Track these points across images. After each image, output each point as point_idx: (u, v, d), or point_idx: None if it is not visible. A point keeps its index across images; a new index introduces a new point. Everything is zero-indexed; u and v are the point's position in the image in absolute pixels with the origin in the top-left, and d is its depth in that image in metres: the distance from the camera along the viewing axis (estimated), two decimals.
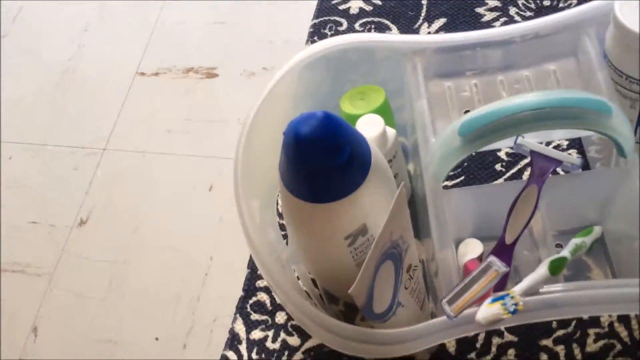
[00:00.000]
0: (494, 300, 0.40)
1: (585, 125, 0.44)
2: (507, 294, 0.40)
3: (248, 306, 0.60)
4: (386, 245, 0.42)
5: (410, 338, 0.42)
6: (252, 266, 0.63)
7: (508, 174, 0.64)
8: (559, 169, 0.50)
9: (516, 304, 0.40)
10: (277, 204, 0.60)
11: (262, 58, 0.80)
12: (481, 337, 0.54)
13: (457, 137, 0.45)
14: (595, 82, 0.51)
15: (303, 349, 0.57)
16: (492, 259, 0.41)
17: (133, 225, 0.70)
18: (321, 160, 0.40)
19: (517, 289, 0.42)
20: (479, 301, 0.41)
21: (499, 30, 0.55)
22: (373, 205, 0.45)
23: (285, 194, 0.44)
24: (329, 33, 0.79)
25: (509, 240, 0.49)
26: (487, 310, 0.40)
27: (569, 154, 0.62)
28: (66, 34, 0.90)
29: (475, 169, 0.64)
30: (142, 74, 0.82)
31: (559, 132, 0.58)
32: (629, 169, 0.47)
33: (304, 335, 0.57)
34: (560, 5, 0.75)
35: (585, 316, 0.52)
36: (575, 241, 0.49)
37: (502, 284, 0.48)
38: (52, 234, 0.70)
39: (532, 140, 0.49)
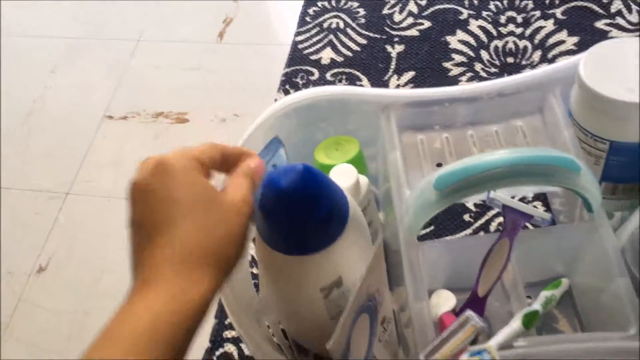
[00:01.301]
0: (472, 355, 0.40)
1: (555, 182, 0.45)
2: (484, 349, 0.40)
3: (215, 358, 0.59)
4: (363, 298, 0.42)
5: None
6: (219, 316, 0.62)
7: (476, 224, 0.65)
8: (528, 223, 0.51)
9: (493, 359, 0.40)
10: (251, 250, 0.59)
11: (233, 104, 0.80)
12: None
13: (433, 191, 0.45)
14: (562, 140, 0.53)
15: None
16: (470, 313, 0.41)
17: (95, 273, 0.67)
18: (301, 214, 0.40)
19: (493, 343, 0.42)
20: (456, 355, 0.41)
21: (466, 88, 0.57)
22: (349, 257, 0.45)
23: (262, 245, 0.44)
24: (301, 82, 0.81)
25: (481, 292, 0.49)
26: None
27: (535, 206, 0.64)
28: (33, 74, 0.88)
29: (445, 219, 0.65)
30: (110, 117, 0.81)
31: (527, 187, 0.59)
32: (595, 224, 0.48)
33: None
34: (523, 62, 0.78)
35: None
36: (545, 294, 0.50)
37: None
38: (8, 281, 0.67)
39: (503, 194, 0.50)
